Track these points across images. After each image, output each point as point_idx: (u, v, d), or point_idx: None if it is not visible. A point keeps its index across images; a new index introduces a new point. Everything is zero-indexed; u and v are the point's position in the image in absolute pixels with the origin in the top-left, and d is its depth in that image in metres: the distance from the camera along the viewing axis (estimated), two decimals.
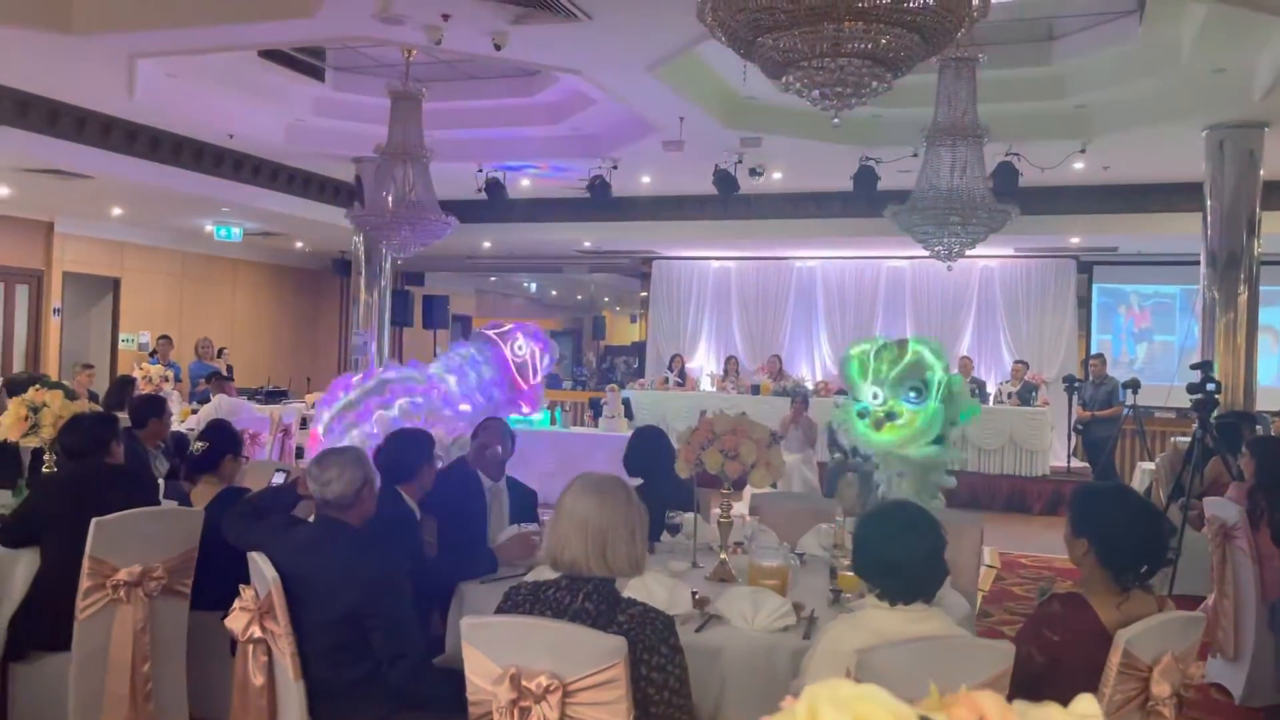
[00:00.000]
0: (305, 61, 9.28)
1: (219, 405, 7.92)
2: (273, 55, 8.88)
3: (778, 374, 13.14)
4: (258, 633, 2.81)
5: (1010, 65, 8.09)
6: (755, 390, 12.58)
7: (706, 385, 13.57)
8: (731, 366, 13.56)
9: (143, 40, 7.01)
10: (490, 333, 7.55)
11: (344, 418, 6.60)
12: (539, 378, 7.61)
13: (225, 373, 11.74)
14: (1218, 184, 8.33)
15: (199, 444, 4.09)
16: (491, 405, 7.09)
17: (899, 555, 2.41)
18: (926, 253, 7.09)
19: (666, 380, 13.51)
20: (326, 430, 6.63)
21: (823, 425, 10.72)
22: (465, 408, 7.08)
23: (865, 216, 11.05)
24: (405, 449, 3.89)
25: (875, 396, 5.54)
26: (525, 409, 7.78)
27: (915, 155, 8.45)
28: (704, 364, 14.81)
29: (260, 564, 2.81)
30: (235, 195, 10.99)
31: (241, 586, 2.89)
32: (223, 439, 4.16)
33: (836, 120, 3.59)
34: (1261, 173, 8.26)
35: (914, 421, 5.46)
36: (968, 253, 7.52)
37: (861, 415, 5.59)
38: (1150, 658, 2.43)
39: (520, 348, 7.40)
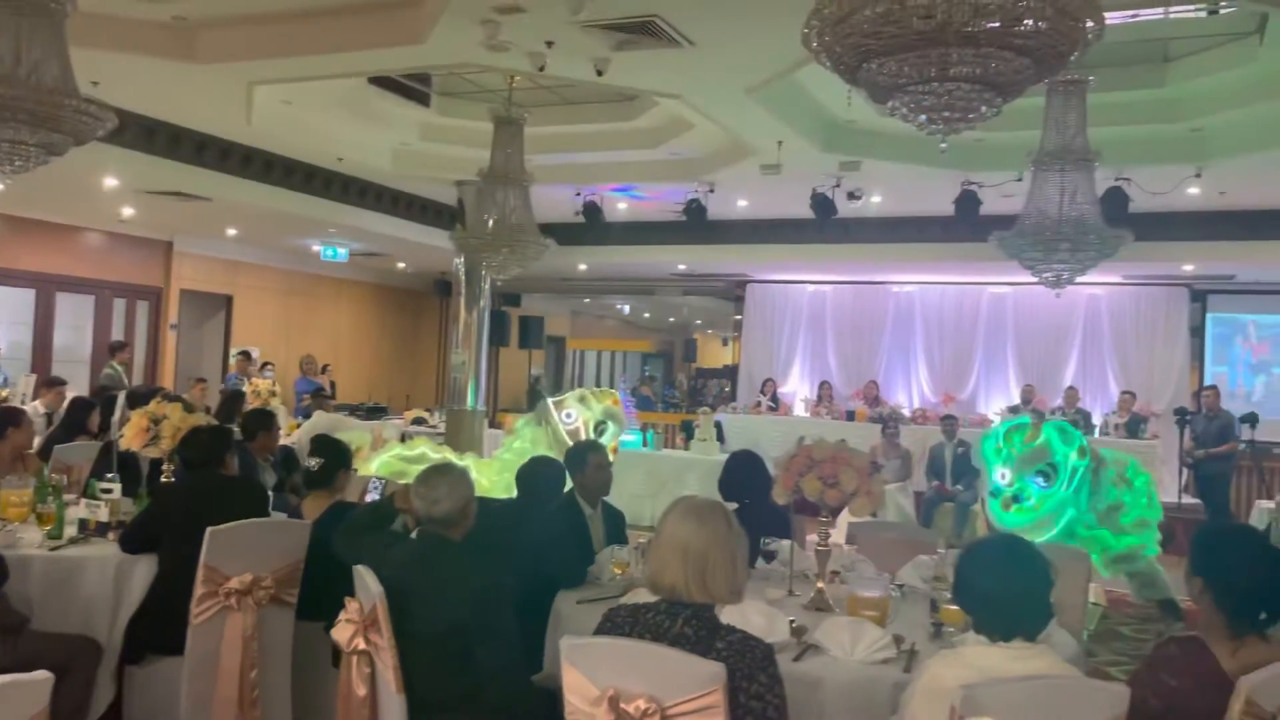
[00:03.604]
0: (412, 87, 9.55)
1: (317, 422, 8.16)
2: (382, 81, 9.16)
3: (874, 400, 12.95)
4: (362, 644, 2.88)
5: (1122, 88, 7.87)
6: (850, 416, 12.41)
7: (800, 410, 13.45)
8: (826, 392, 13.41)
9: (262, 68, 7.32)
10: None
11: None
12: None
13: (328, 389, 12.09)
14: None
15: (315, 460, 4.21)
16: None
17: (998, 587, 2.36)
18: (1030, 279, 6.92)
19: (759, 404, 13.43)
20: None
21: (920, 453, 10.53)
22: None
23: (966, 241, 10.83)
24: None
25: (1004, 478, 5.70)
26: None
27: (1019, 180, 8.27)
28: (797, 389, 14.67)
29: (366, 577, 2.88)
30: (342, 217, 11.35)
31: (347, 599, 2.97)
32: (337, 455, 4.30)
33: (944, 145, 3.54)
34: None
35: (1040, 506, 5.58)
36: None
37: (994, 495, 5.76)
38: (1275, 706, 2.31)
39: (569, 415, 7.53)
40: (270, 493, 4.97)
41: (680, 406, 17.13)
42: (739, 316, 15.79)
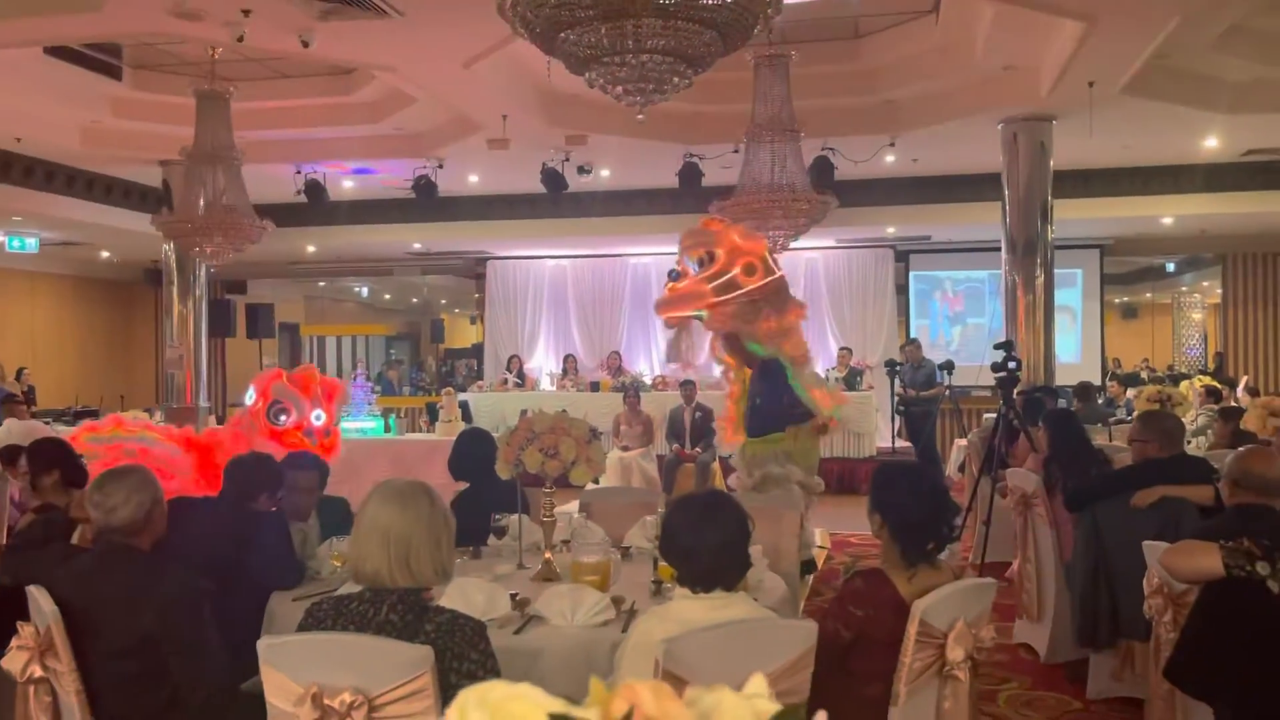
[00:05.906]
0: (98, 59, 8.70)
1: (9, 430, 7.33)
2: (61, 52, 8.28)
3: (617, 370, 13.22)
4: (38, 672, 2.60)
5: (821, 62, 8.37)
6: (595, 387, 12.62)
7: (546, 385, 13.52)
8: (570, 365, 13.56)
9: None
10: None
11: None
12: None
13: (21, 395, 10.91)
14: (1013, 174, 8.87)
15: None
16: None
17: (695, 541, 2.45)
18: None
19: (505, 381, 13.39)
20: None
21: (661, 419, 10.86)
22: None
23: (693, 212, 11.20)
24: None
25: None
26: None
27: (736, 151, 8.64)
28: (543, 363, 14.74)
29: (38, 597, 2.61)
30: (27, 203, 10.24)
31: (20, 624, 2.67)
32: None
33: (641, 116, 3.62)
34: (1052, 163, 8.83)
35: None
36: (792, 245, 7.78)
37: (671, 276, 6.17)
38: (945, 625, 2.54)
39: None
40: None
41: (430, 389, 16.81)
42: (480, 295, 15.65)
